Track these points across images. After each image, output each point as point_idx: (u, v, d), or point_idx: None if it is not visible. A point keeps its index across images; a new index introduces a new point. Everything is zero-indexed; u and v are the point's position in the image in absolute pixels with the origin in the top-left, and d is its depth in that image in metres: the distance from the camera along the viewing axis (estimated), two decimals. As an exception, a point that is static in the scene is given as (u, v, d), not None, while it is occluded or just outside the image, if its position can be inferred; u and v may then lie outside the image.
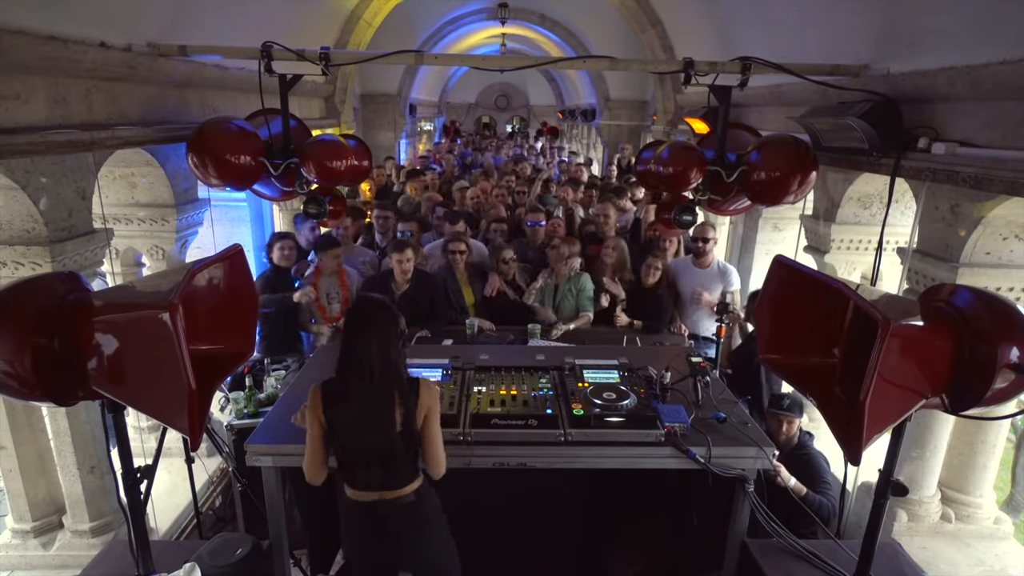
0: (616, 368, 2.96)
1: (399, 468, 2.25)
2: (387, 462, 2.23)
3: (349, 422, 2.20)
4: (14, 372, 1.58)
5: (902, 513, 3.33)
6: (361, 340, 2.19)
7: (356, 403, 2.19)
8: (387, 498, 2.25)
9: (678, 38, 6.71)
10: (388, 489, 2.25)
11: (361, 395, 2.18)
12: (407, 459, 2.25)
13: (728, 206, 3.83)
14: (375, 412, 2.18)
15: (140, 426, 3.93)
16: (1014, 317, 1.64)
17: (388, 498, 2.25)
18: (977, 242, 2.81)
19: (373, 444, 2.20)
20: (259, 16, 4.51)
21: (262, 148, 3.35)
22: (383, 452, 2.21)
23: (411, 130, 13.58)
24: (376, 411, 2.18)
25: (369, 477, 2.24)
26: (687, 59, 3.38)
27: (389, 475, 2.25)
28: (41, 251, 2.78)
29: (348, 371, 2.20)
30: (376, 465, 2.23)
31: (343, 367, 2.22)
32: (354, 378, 2.19)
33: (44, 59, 2.58)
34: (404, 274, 4.21)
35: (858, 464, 1.68)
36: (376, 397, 2.18)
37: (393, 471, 2.25)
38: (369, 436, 2.20)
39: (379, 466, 2.23)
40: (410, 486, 2.27)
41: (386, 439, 2.19)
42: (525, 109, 26.91)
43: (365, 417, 2.19)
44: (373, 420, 2.18)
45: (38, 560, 3.22)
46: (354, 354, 2.19)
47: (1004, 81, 2.44)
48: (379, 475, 2.24)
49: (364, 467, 2.24)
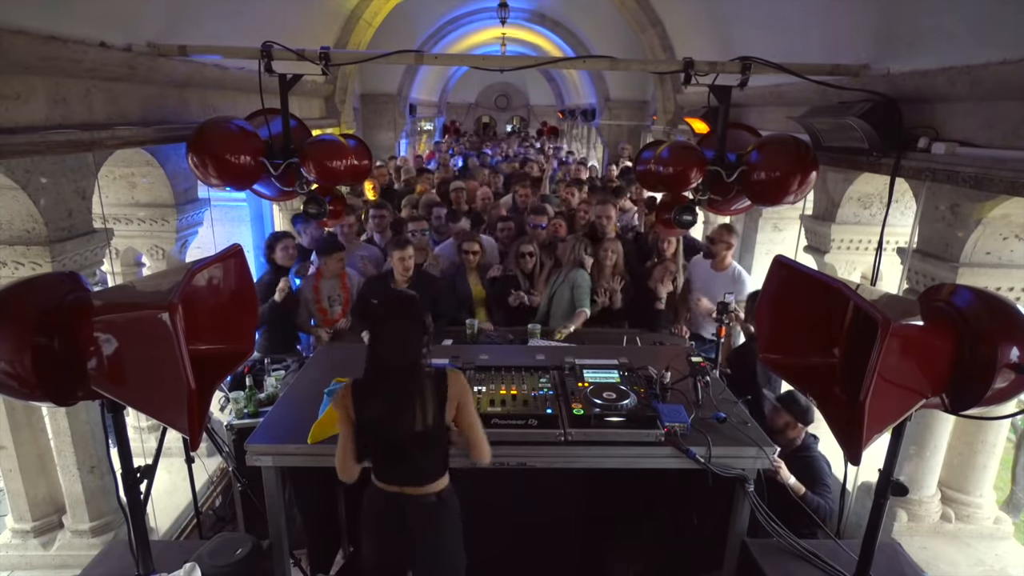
0: (616, 368, 2.96)
1: (425, 465, 2.27)
2: (413, 457, 2.24)
3: (378, 418, 2.20)
4: (14, 372, 1.58)
5: (902, 513, 3.33)
6: (389, 336, 2.20)
7: (385, 399, 2.19)
8: (408, 493, 2.27)
9: (678, 38, 6.71)
10: (411, 485, 2.27)
11: (389, 390, 2.19)
12: (433, 455, 2.27)
13: (728, 206, 3.83)
14: (404, 407, 2.18)
15: (140, 426, 3.93)
16: (1014, 317, 1.64)
17: (409, 493, 2.27)
18: (977, 242, 2.81)
19: (401, 439, 2.20)
20: (259, 16, 4.51)
21: (262, 148, 3.35)
22: (410, 447, 2.21)
23: (411, 130, 13.58)
24: (404, 406, 2.18)
25: (394, 471, 2.26)
26: (687, 59, 3.38)
27: (414, 471, 2.27)
28: (41, 251, 2.78)
29: (376, 367, 2.21)
30: (402, 460, 2.24)
31: (371, 363, 2.22)
32: (382, 374, 2.20)
33: (44, 59, 2.58)
34: (405, 272, 4.20)
35: (858, 464, 1.68)
36: (404, 392, 2.19)
37: (418, 467, 2.27)
38: (397, 431, 2.20)
39: (405, 461, 2.25)
40: (433, 486, 2.29)
41: (414, 434, 2.19)
42: (525, 109, 26.93)
43: (394, 412, 2.19)
44: (401, 415, 2.18)
45: (38, 560, 3.22)
46: (382, 350, 2.20)
47: (1004, 81, 2.44)
48: (404, 470, 2.26)
49: (391, 461, 2.26)
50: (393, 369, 2.20)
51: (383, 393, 2.20)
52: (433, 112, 17.61)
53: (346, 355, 3.34)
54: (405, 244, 4.21)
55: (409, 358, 2.20)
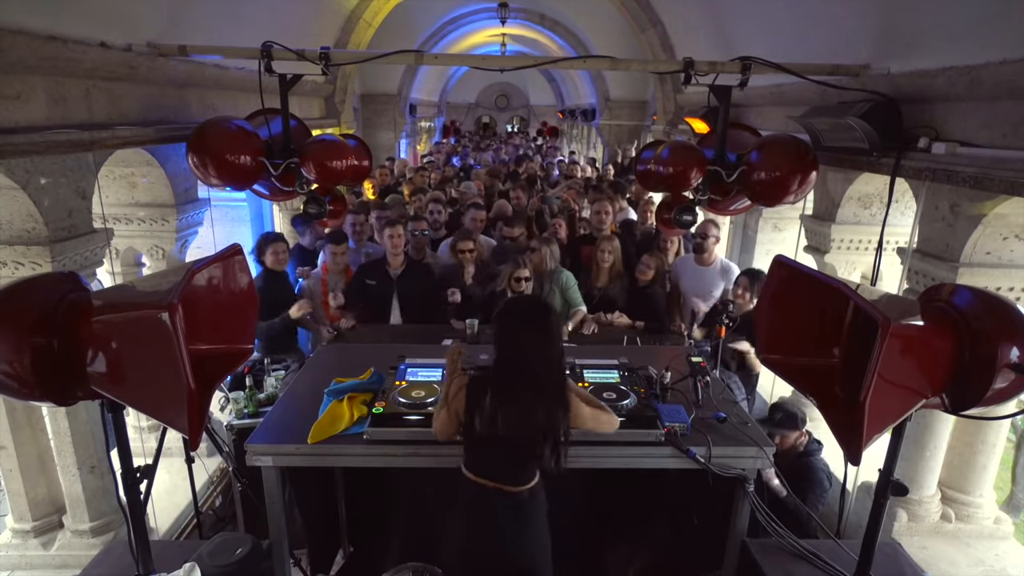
0: (616, 368, 2.95)
1: (529, 465, 2.27)
2: (522, 459, 2.24)
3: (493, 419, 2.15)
4: (14, 372, 1.58)
5: (902, 513, 3.33)
6: (527, 340, 2.18)
7: (508, 403, 2.14)
8: (505, 490, 2.26)
9: (678, 38, 6.72)
10: (510, 484, 2.26)
11: (515, 396, 2.15)
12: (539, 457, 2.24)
13: (728, 206, 3.83)
14: (525, 415, 2.14)
15: (140, 426, 3.93)
16: (1014, 317, 1.63)
17: (506, 490, 2.26)
18: (977, 242, 2.81)
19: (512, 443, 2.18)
20: (259, 16, 4.51)
21: (262, 148, 3.35)
22: (523, 449, 2.20)
23: (411, 130, 13.58)
24: (526, 414, 2.15)
25: (495, 468, 2.25)
26: (687, 59, 3.38)
27: (517, 470, 2.26)
28: (41, 251, 2.78)
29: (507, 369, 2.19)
30: (510, 460, 2.24)
31: (505, 366, 2.20)
32: (511, 377, 2.17)
33: (44, 59, 2.58)
34: (396, 248, 4.25)
35: (858, 464, 1.68)
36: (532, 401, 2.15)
37: (522, 467, 2.26)
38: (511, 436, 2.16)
39: (513, 461, 2.24)
40: (529, 484, 2.29)
41: (533, 438, 2.17)
42: (525, 109, 26.94)
43: (513, 418, 2.14)
44: (520, 422, 2.15)
45: (38, 560, 3.22)
46: (519, 353, 2.18)
47: (1004, 81, 2.44)
48: (508, 469, 2.25)
49: (493, 459, 2.25)
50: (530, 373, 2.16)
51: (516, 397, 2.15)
52: (433, 112, 17.62)
53: (347, 355, 3.34)
54: (395, 223, 4.24)
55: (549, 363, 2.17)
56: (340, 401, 2.63)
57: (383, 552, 3.33)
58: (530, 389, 2.16)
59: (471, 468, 2.30)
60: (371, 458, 2.52)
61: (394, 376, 2.81)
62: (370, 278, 4.35)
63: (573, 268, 4.64)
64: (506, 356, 2.21)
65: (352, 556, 3.56)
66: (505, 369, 2.20)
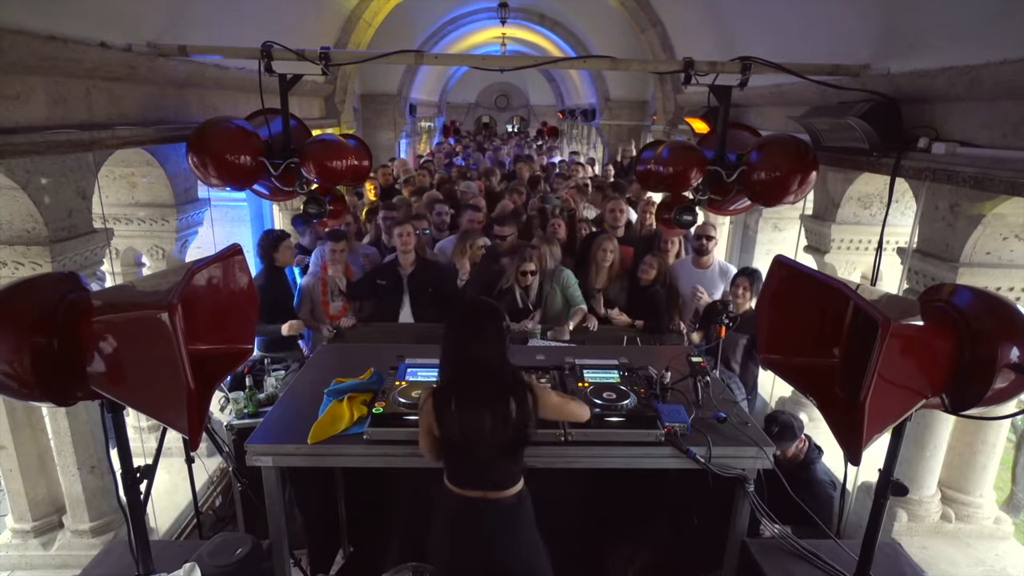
0: (616, 368, 2.95)
1: (508, 468, 2.27)
2: (498, 463, 2.24)
3: (465, 424, 2.17)
4: (14, 372, 1.58)
5: (902, 513, 3.33)
6: (475, 342, 2.20)
7: (474, 405, 2.17)
8: (490, 498, 2.26)
9: (678, 38, 6.72)
10: (494, 489, 2.26)
11: (479, 397, 2.17)
12: (515, 460, 2.26)
13: (728, 206, 3.83)
14: (493, 413, 2.16)
15: (140, 426, 3.93)
16: (1014, 317, 1.64)
17: (491, 498, 2.26)
18: (977, 242, 2.81)
19: (487, 445, 2.19)
20: (259, 16, 4.51)
21: (262, 148, 3.35)
22: (496, 452, 2.21)
23: (411, 130, 13.58)
24: (494, 412, 2.16)
25: (477, 476, 2.26)
26: (687, 59, 3.38)
27: (497, 475, 2.26)
28: (41, 251, 2.78)
29: (464, 373, 2.21)
30: (487, 465, 2.24)
31: (457, 369, 2.22)
32: (471, 380, 2.19)
33: (44, 59, 2.58)
34: (406, 247, 4.27)
35: (858, 464, 1.68)
36: (494, 398, 2.17)
37: (501, 471, 2.26)
38: (484, 437, 2.17)
39: (490, 466, 2.24)
40: (513, 488, 2.29)
41: (501, 439, 2.18)
42: (525, 109, 26.94)
43: (482, 418, 2.16)
44: (490, 421, 2.16)
45: (38, 560, 3.22)
46: (470, 356, 2.20)
47: (1004, 81, 2.44)
48: (487, 475, 2.25)
49: (474, 466, 2.25)
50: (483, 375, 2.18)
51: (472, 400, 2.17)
52: (433, 112, 17.61)
53: (347, 355, 3.34)
54: (403, 221, 4.27)
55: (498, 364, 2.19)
56: (340, 401, 2.63)
57: (383, 552, 3.33)
58: (493, 383, 2.18)
59: (454, 481, 2.30)
60: (371, 458, 2.51)
61: (394, 376, 2.81)
62: (381, 278, 4.42)
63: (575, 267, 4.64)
64: (460, 358, 2.23)
65: (352, 556, 3.56)
66: (464, 372, 2.22)
